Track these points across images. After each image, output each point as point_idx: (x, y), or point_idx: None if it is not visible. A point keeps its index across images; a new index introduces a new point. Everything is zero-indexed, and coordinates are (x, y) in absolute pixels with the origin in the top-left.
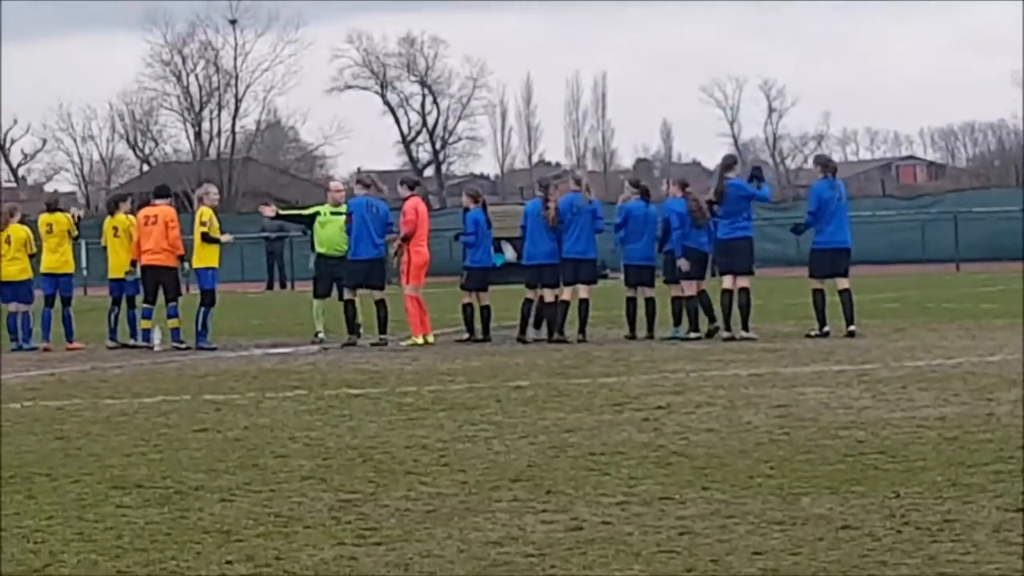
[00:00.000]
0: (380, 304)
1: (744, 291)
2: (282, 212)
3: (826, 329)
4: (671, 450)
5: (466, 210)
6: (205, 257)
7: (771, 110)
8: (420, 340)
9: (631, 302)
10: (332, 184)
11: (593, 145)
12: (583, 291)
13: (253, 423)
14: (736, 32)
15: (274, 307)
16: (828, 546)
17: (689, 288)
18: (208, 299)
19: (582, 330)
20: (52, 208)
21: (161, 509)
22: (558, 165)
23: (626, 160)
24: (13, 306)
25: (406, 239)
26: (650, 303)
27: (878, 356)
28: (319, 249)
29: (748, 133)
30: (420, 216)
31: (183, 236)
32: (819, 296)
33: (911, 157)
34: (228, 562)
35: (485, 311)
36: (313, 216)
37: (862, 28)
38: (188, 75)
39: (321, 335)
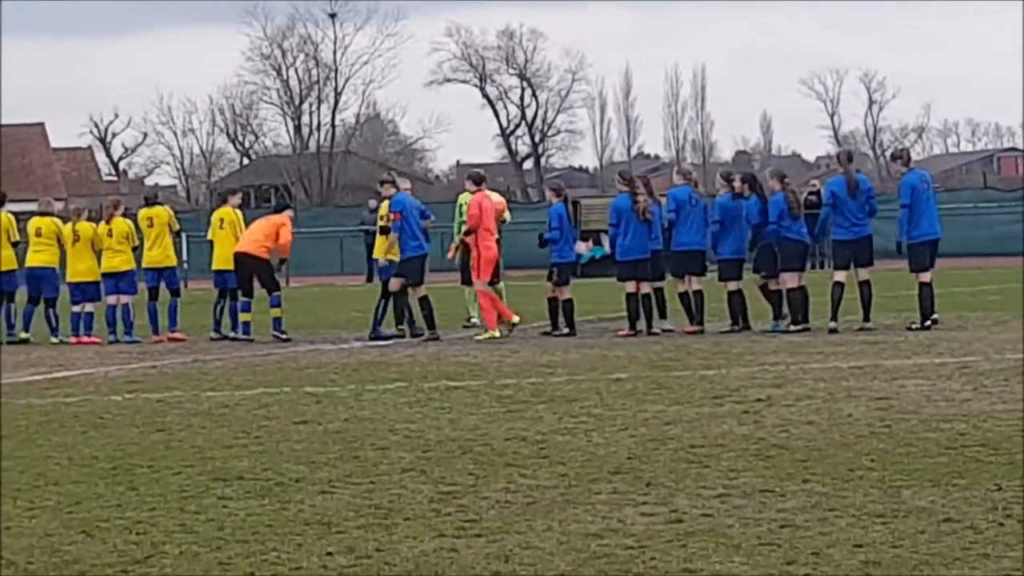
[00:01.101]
0: (423, 301)
1: (866, 283)
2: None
3: (934, 316)
4: (771, 443)
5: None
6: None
7: (871, 102)
8: (496, 333)
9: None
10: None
11: (692, 137)
12: (695, 283)
13: (353, 415)
14: (836, 24)
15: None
16: (929, 539)
17: (791, 280)
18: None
19: (701, 320)
20: (151, 202)
21: (262, 501)
22: (657, 158)
23: (726, 153)
24: (113, 298)
25: (468, 233)
26: (735, 295)
27: (979, 349)
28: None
29: (848, 125)
30: (484, 211)
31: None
32: (926, 289)
33: (1012, 149)
34: (328, 554)
35: (567, 305)
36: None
37: (962, 19)
38: (288, 69)
39: (474, 320)
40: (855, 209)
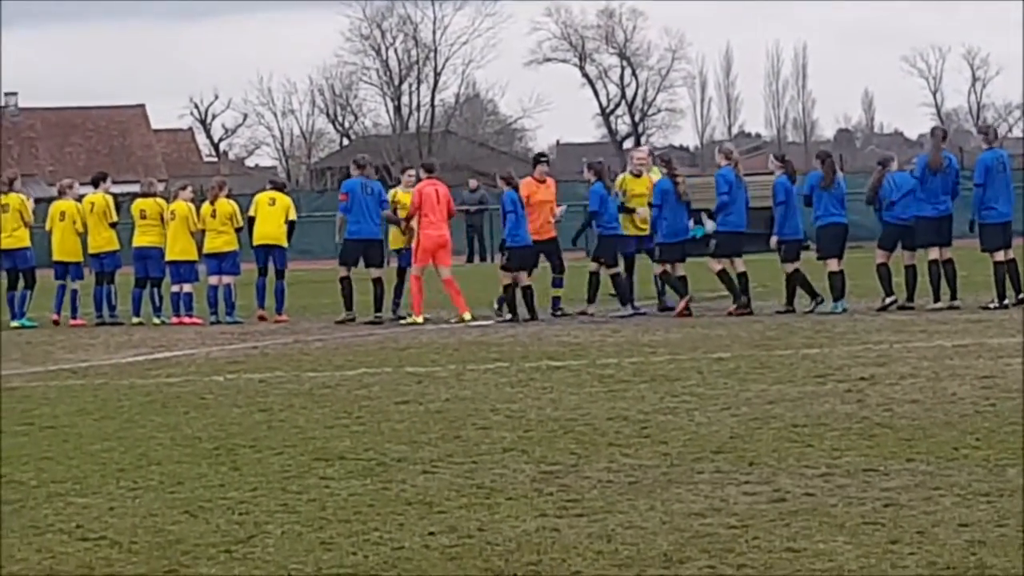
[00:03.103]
0: (376, 282)
1: (949, 262)
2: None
3: (1007, 301)
4: (875, 421)
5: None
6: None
7: (975, 79)
8: (420, 320)
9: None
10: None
11: (793, 116)
12: (740, 264)
13: (454, 395)
14: (938, 1)
15: (474, 280)
16: None
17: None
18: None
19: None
20: (276, 186)
21: (364, 481)
22: (758, 136)
23: (827, 131)
24: (215, 278)
25: (408, 220)
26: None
27: None
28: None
29: (951, 103)
30: (425, 199)
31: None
32: (1001, 268)
33: None
34: (431, 533)
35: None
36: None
37: None
38: (387, 49)
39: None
40: (938, 188)
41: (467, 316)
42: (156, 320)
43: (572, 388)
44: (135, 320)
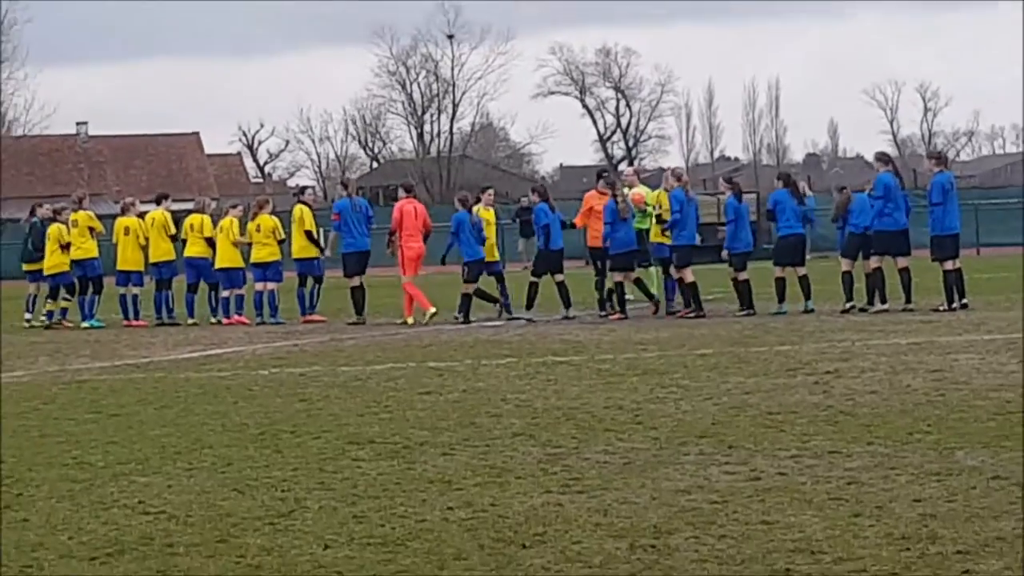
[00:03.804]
0: (355, 289)
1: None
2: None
3: (954, 305)
4: (839, 409)
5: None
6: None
7: (926, 109)
8: (433, 309)
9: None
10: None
11: (768, 141)
12: (689, 274)
13: (471, 387)
14: (896, 38)
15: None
16: (980, 494)
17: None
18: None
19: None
20: (301, 200)
21: (391, 462)
22: (737, 159)
23: (797, 155)
24: (260, 285)
25: (392, 235)
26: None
27: None
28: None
29: (906, 130)
30: (405, 216)
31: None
32: (950, 276)
33: None
34: (449, 508)
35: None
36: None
37: (1010, 30)
38: (411, 83)
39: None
40: (899, 204)
41: (410, 320)
42: (213, 320)
43: (573, 380)
44: (190, 321)
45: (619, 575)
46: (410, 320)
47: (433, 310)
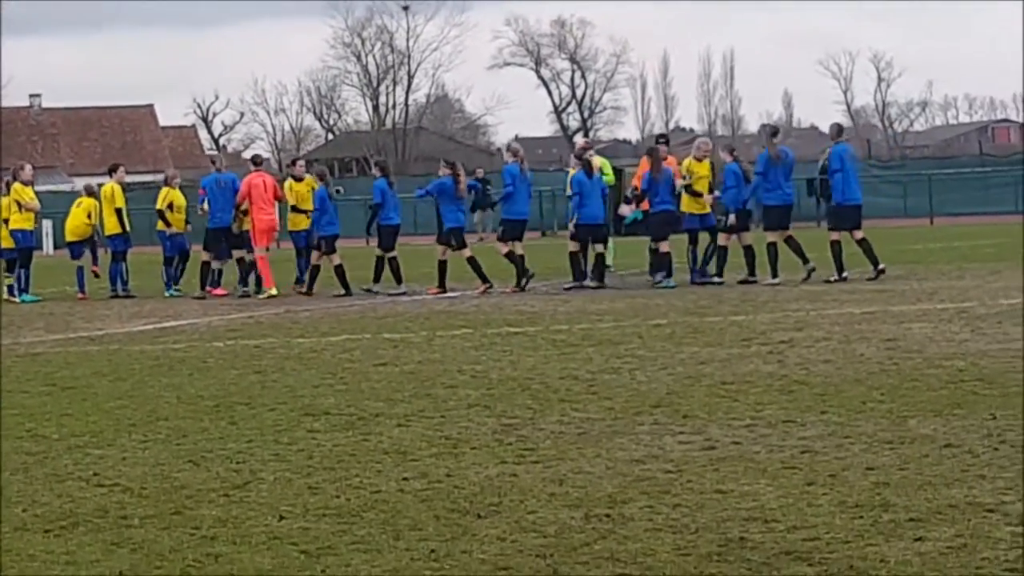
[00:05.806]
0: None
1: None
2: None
3: (844, 275)
4: (793, 379)
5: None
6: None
7: (880, 80)
8: (274, 291)
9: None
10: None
11: (723, 113)
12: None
13: (426, 358)
14: (851, 10)
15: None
16: (932, 462)
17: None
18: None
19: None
20: (297, 180)
21: (346, 433)
22: (691, 130)
23: (752, 126)
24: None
25: (239, 207)
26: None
27: (976, 296)
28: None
29: (860, 101)
30: (253, 189)
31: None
32: (837, 246)
33: (1005, 120)
34: (405, 479)
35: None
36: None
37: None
38: (367, 55)
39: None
40: (780, 177)
41: (273, 291)
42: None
43: (528, 351)
44: (169, 293)
45: (574, 544)
46: (273, 291)
47: (274, 291)
